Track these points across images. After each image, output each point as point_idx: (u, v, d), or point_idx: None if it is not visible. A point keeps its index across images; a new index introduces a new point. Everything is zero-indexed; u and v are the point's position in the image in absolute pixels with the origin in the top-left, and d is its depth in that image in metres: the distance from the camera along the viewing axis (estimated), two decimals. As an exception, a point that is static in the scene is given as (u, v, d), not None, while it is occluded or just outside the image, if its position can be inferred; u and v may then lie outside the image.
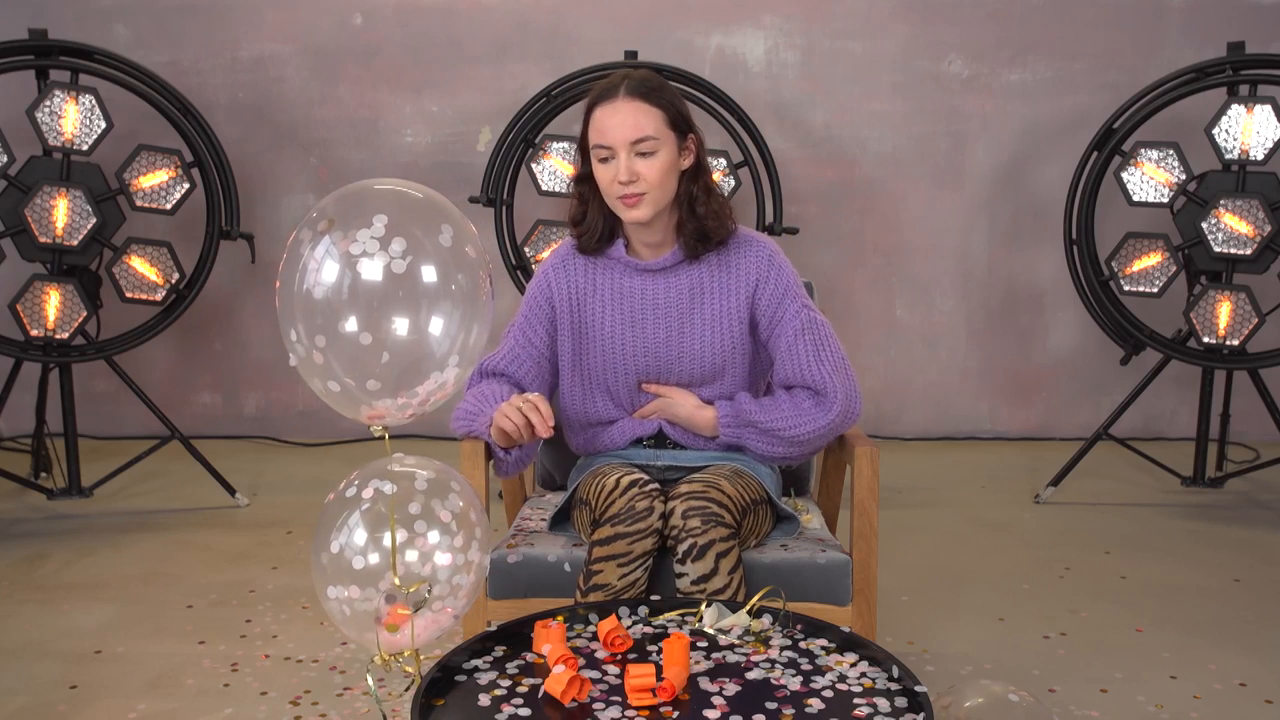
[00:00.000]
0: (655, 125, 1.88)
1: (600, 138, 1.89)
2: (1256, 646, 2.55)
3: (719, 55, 4.35)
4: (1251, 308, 3.46)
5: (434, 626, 1.50)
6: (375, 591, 1.45)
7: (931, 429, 4.58)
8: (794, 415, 1.94)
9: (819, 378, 1.94)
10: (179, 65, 4.32)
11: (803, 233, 4.18)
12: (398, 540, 1.44)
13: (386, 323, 1.41)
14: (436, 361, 1.45)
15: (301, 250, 1.45)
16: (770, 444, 1.97)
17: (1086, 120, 4.20)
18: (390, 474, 1.49)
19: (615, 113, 1.87)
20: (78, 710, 2.23)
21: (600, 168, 1.91)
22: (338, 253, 1.41)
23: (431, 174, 4.41)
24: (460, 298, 1.45)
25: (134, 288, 3.53)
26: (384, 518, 1.45)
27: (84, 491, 3.54)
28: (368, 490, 1.47)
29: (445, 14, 4.34)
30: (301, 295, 1.44)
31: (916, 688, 1.40)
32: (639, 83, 1.89)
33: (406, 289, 1.41)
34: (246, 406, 4.57)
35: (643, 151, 1.87)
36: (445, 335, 1.44)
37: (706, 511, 1.82)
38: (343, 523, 1.47)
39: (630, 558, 1.82)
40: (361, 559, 1.45)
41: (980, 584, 2.95)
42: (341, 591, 1.46)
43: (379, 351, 1.41)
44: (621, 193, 1.88)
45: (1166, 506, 3.64)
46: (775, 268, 1.99)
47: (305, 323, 1.45)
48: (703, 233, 1.95)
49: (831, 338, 1.97)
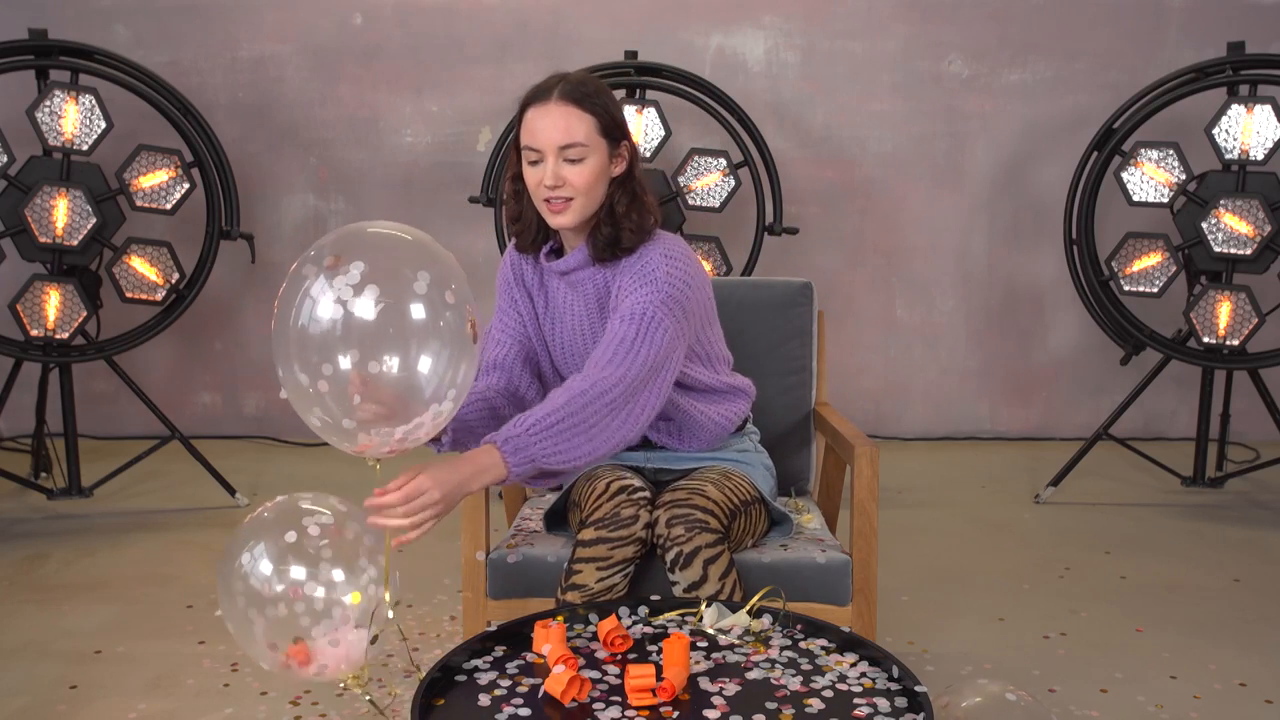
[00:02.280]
0: (586, 131, 1.82)
1: (530, 139, 1.83)
2: (1256, 646, 2.55)
3: (719, 55, 4.35)
4: (1251, 308, 3.46)
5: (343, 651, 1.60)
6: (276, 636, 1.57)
7: (931, 429, 4.58)
8: (575, 394, 1.71)
9: (609, 355, 1.76)
10: (179, 65, 4.32)
11: (803, 233, 4.19)
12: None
13: (371, 363, 1.51)
14: (420, 401, 1.53)
15: (300, 286, 1.55)
16: (562, 442, 1.68)
17: (1086, 120, 4.20)
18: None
19: (546, 115, 1.82)
20: (78, 710, 2.23)
21: (529, 170, 1.86)
22: (330, 292, 1.51)
23: (431, 174, 4.42)
24: (447, 338, 1.51)
25: (134, 288, 3.53)
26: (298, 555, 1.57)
27: (84, 491, 3.54)
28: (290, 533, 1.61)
29: (445, 14, 4.34)
30: (295, 330, 1.55)
31: (916, 688, 1.40)
32: (573, 87, 1.83)
33: (390, 330, 1.49)
34: (246, 406, 4.57)
35: (571, 158, 1.82)
36: (434, 374, 1.51)
37: (690, 519, 1.82)
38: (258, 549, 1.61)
39: (610, 562, 1.82)
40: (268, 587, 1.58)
41: (980, 584, 2.95)
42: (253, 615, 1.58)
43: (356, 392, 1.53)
44: (547, 195, 1.84)
45: (1166, 506, 3.64)
46: (647, 267, 1.86)
47: (300, 359, 1.58)
48: (615, 239, 1.88)
49: (655, 344, 1.77)
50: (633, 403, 1.75)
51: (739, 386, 2.09)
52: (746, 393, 2.11)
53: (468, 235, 4.42)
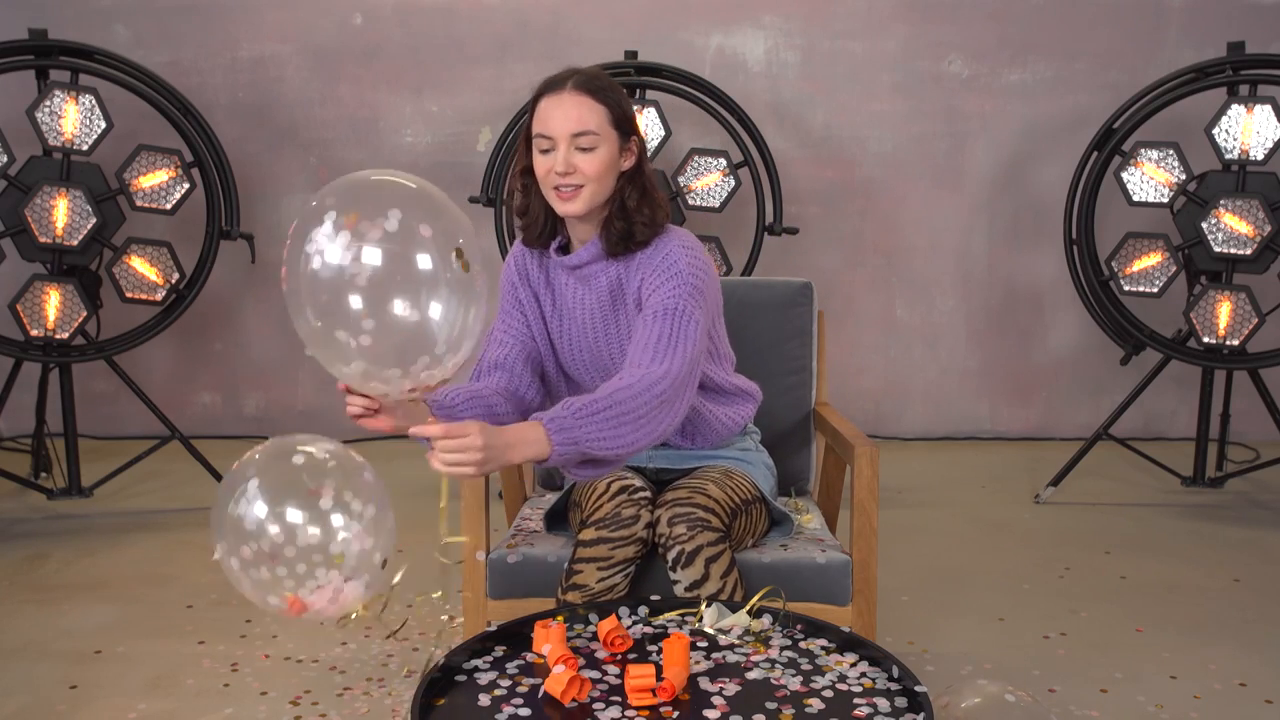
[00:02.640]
0: (598, 121, 1.85)
1: (542, 127, 1.86)
2: (1256, 646, 2.55)
3: (719, 55, 4.35)
4: (1251, 308, 3.46)
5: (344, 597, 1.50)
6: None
7: (931, 429, 4.58)
8: (622, 386, 1.73)
9: (653, 351, 1.79)
10: (179, 65, 4.33)
11: (803, 233, 4.19)
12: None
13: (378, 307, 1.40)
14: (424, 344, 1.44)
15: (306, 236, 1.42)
16: (606, 428, 1.69)
17: (1086, 120, 4.20)
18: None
19: (560, 104, 1.85)
20: (78, 710, 2.23)
21: (540, 158, 1.88)
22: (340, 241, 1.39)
23: (431, 174, 4.39)
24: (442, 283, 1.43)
25: (134, 288, 3.53)
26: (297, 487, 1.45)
27: (84, 491, 3.54)
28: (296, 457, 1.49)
29: (445, 14, 4.34)
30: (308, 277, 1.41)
31: (916, 688, 1.40)
32: (587, 78, 1.88)
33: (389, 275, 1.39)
34: (246, 406, 4.57)
35: (582, 146, 1.85)
36: (438, 319, 1.42)
37: (691, 518, 1.82)
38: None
39: (611, 563, 1.82)
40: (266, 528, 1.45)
41: (980, 584, 2.95)
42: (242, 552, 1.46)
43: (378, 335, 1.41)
44: (557, 183, 1.86)
45: (1166, 506, 3.64)
46: (667, 260, 1.89)
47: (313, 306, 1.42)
48: (628, 233, 1.90)
49: (689, 338, 1.81)
50: (679, 397, 1.78)
51: (746, 390, 2.11)
52: (754, 397, 2.12)
53: (468, 235, 4.41)
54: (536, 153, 1.88)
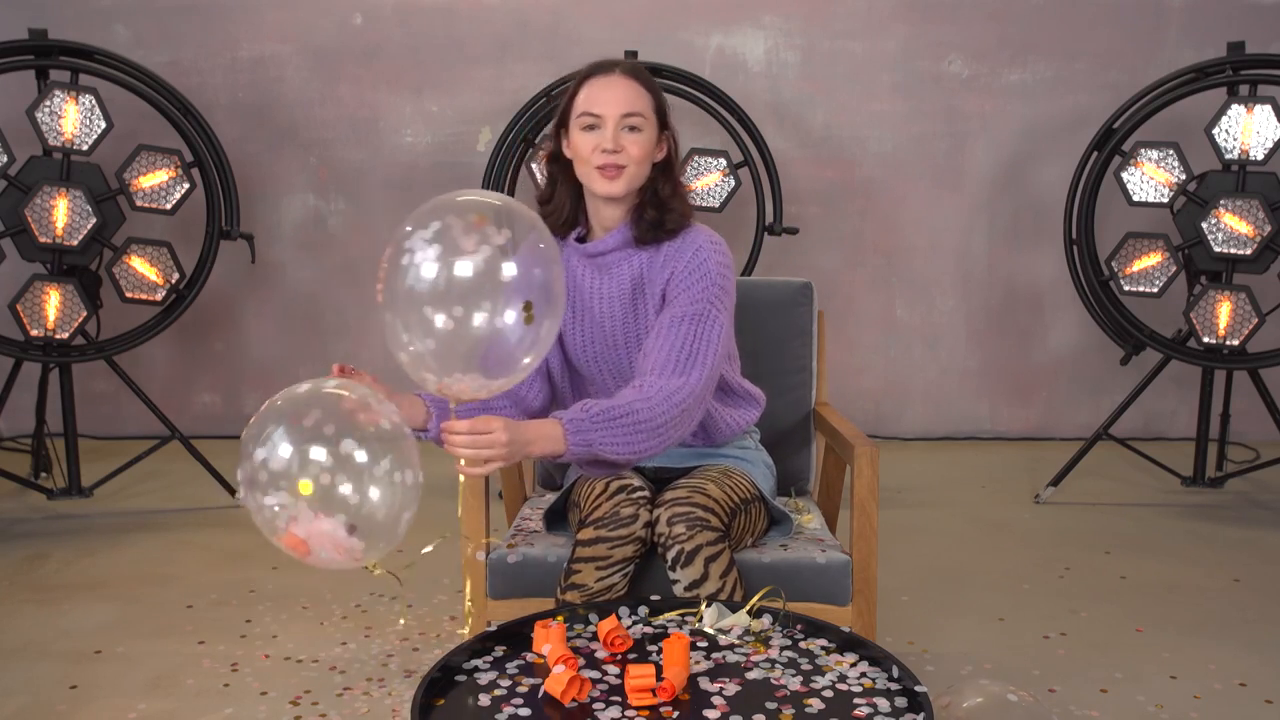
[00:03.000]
0: (645, 106, 1.92)
1: (591, 106, 1.90)
2: (1256, 646, 2.55)
3: (719, 55, 4.35)
4: (1251, 308, 3.46)
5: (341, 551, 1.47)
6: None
7: (931, 429, 4.58)
8: (640, 397, 1.78)
9: (674, 362, 1.83)
10: (179, 65, 4.33)
11: (803, 233, 4.19)
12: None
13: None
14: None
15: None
16: (620, 435, 1.75)
17: (1086, 120, 4.20)
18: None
19: (611, 86, 1.91)
20: (78, 710, 2.23)
21: (584, 135, 1.91)
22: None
23: (431, 174, 4.42)
24: None
25: (134, 288, 3.53)
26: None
27: (84, 491, 3.54)
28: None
29: (445, 14, 4.34)
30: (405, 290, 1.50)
31: (916, 688, 1.40)
32: (635, 67, 1.95)
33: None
34: (246, 406, 4.57)
35: (632, 126, 1.90)
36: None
37: (691, 517, 1.81)
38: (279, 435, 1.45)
39: (609, 562, 1.82)
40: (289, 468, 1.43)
41: (980, 584, 2.95)
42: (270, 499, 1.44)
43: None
44: (603, 161, 1.89)
45: (1166, 506, 3.64)
46: (696, 258, 1.92)
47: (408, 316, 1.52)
48: (660, 222, 1.94)
49: (711, 343, 1.86)
50: (697, 407, 1.84)
51: (753, 394, 2.12)
52: (759, 402, 2.14)
53: (468, 235, 4.41)
54: (578, 131, 1.92)
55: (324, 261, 4.49)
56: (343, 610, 2.74)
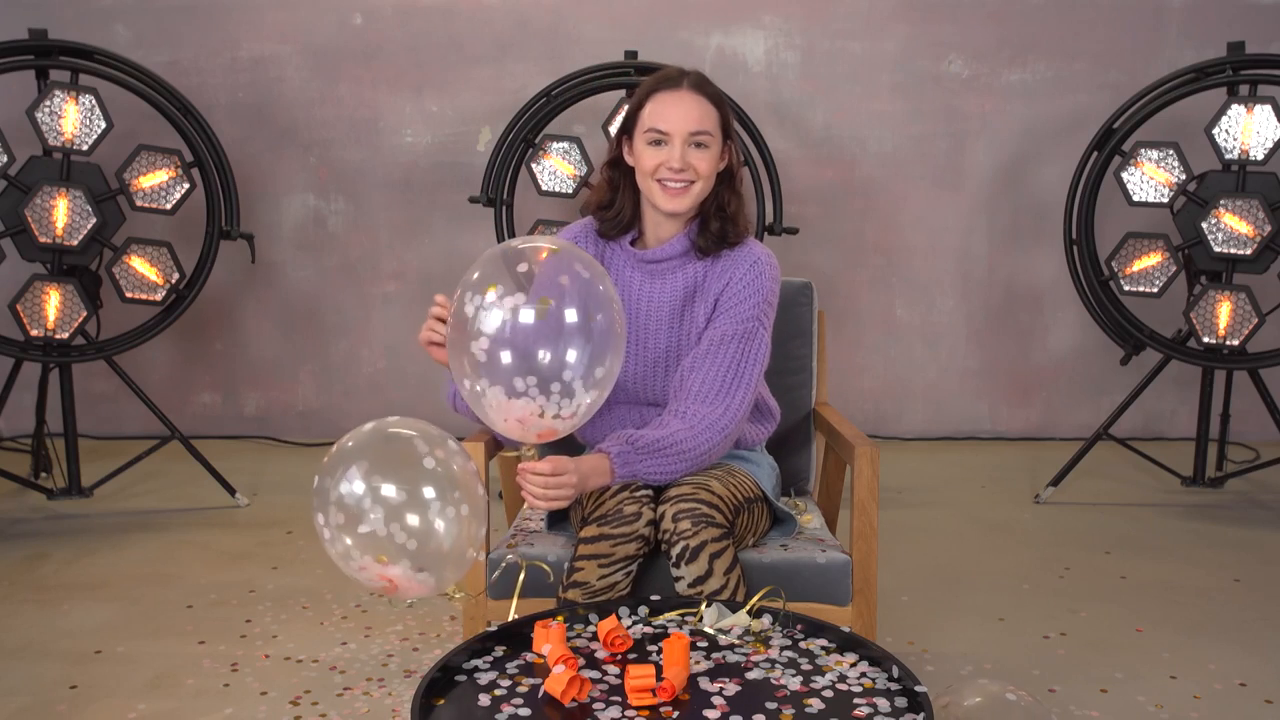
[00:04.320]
0: (712, 122, 1.93)
1: (658, 122, 1.92)
2: (1256, 646, 2.55)
3: (719, 55, 4.35)
4: (1251, 308, 3.46)
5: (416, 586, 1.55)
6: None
7: (931, 429, 4.58)
8: (684, 428, 1.87)
9: (717, 388, 1.90)
10: (179, 65, 4.33)
11: (803, 233, 4.18)
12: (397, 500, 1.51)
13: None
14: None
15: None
16: (664, 464, 1.85)
17: (1086, 120, 4.20)
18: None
19: (679, 102, 1.92)
20: (78, 710, 2.23)
21: (650, 150, 1.93)
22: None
23: (431, 174, 4.42)
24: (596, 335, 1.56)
25: (134, 288, 3.53)
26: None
27: (84, 491, 3.54)
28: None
29: (445, 14, 4.34)
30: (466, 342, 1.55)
31: (916, 688, 1.40)
32: (702, 80, 1.96)
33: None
34: (246, 406, 4.57)
35: (699, 143, 1.92)
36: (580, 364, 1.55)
37: (696, 513, 1.82)
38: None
39: (612, 560, 1.82)
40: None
41: (980, 584, 2.95)
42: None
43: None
44: (669, 178, 1.91)
45: (1166, 506, 3.64)
46: (753, 272, 1.97)
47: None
48: (724, 233, 1.98)
49: (756, 362, 1.93)
50: (737, 430, 1.92)
51: (772, 409, 2.16)
52: (775, 417, 2.17)
53: (467, 235, 4.42)
54: (644, 145, 1.94)
55: (324, 261, 4.49)
56: (343, 610, 2.74)
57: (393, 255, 4.48)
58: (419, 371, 4.49)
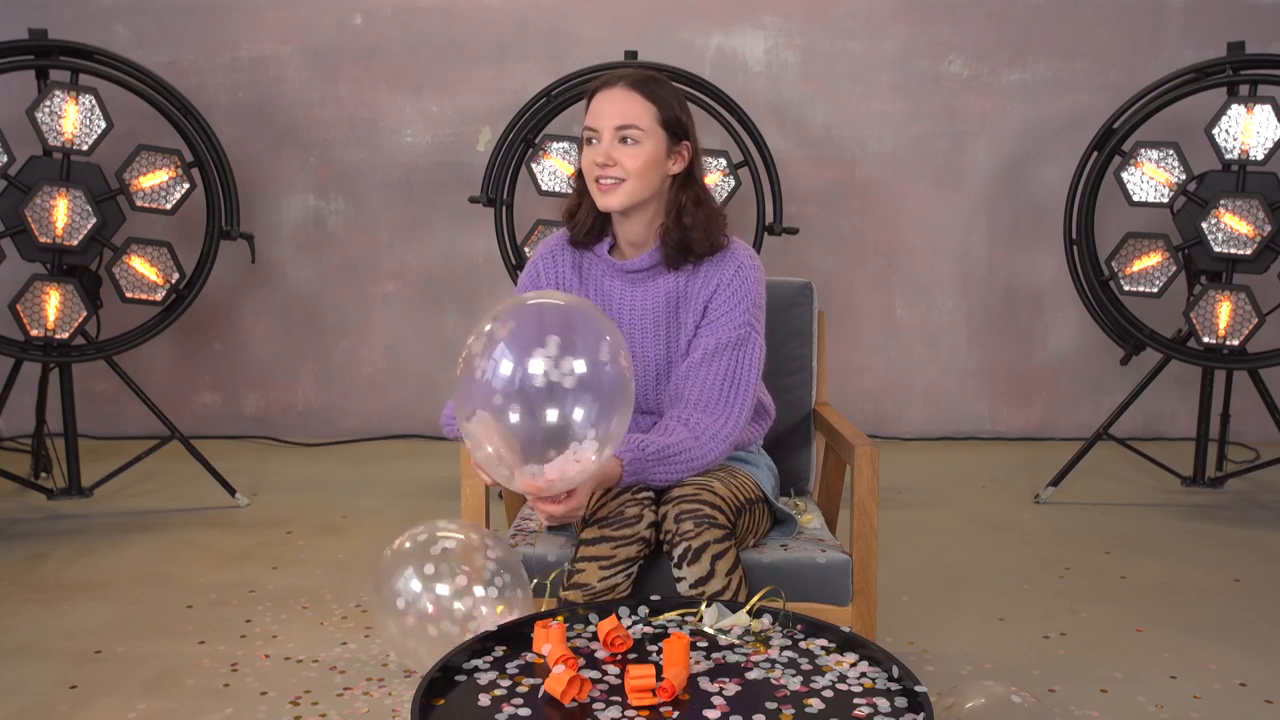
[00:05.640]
0: (644, 117, 1.90)
1: (589, 119, 1.92)
2: (1256, 646, 2.55)
3: (719, 55, 4.35)
4: (1251, 308, 3.46)
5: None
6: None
7: (931, 429, 4.58)
8: (689, 437, 1.87)
9: (718, 396, 1.91)
10: (179, 65, 4.33)
11: (803, 233, 4.19)
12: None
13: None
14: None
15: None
16: (671, 470, 1.87)
17: (1086, 120, 4.20)
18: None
19: (610, 98, 1.91)
20: (78, 710, 2.23)
21: (585, 151, 1.94)
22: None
23: (431, 174, 4.42)
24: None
25: (134, 288, 3.53)
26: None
27: (84, 491, 3.54)
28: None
29: (445, 14, 4.34)
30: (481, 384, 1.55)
31: (916, 688, 1.40)
32: (640, 77, 1.93)
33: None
34: (246, 406, 4.57)
35: (625, 138, 1.90)
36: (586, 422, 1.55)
37: (699, 514, 1.82)
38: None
39: (613, 561, 1.82)
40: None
41: (980, 584, 2.95)
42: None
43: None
44: (597, 174, 1.90)
45: (1166, 506, 3.64)
46: (739, 278, 1.96)
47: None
48: (685, 244, 1.95)
49: (752, 368, 1.94)
50: (739, 433, 1.93)
51: (767, 408, 2.14)
52: (770, 415, 2.16)
53: (467, 235, 4.42)
54: (585, 146, 1.94)
55: (323, 261, 4.49)
56: (343, 610, 2.74)
57: (393, 255, 4.48)
58: (419, 371, 4.49)
